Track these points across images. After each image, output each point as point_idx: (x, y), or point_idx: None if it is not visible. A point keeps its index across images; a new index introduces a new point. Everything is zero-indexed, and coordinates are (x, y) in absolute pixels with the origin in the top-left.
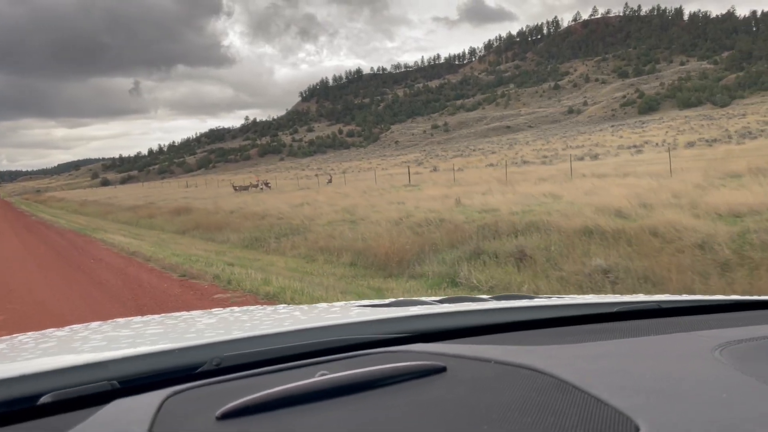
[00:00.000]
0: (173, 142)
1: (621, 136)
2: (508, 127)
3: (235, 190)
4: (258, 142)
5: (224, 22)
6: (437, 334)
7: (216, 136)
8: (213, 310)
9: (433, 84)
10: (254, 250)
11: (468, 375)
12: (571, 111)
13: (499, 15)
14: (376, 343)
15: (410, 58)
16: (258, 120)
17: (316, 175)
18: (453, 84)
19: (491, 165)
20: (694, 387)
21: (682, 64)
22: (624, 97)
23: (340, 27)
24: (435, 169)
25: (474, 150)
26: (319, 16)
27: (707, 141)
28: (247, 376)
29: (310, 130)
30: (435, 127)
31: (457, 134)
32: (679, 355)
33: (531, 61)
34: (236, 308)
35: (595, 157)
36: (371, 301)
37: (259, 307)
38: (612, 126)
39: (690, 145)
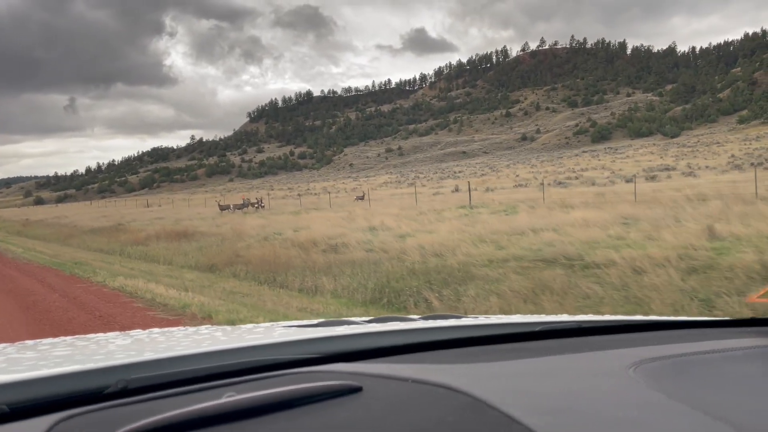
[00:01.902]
0: (113, 160)
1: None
2: (464, 152)
3: (222, 209)
4: (205, 162)
5: (166, 42)
6: (360, 354)
7: (159, 155)
8: (131, 331)
9: (385, 108)
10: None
11: (384, 394)
12: (524, 138)
13: (441, 46)
14: (293, 364)
15: (355, 83)
16: (204, 140)
17: (299, 195)
18: (405, 109)
19: (520, 185)
20: (606, 405)
21: (628, 95)
22: (577, 125)
23: (285, 51)
24: (457, 189)
25: (459, 173)
26: (263, 39)
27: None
28: (151, 399)
29: (260, 151)
30: (389, 150)
31: (413, 158)
32: (595, 373)
33: (481, 89)
34: (156, 329)
35: (653, 177)
36: (298, 321)
37: (180, 328)
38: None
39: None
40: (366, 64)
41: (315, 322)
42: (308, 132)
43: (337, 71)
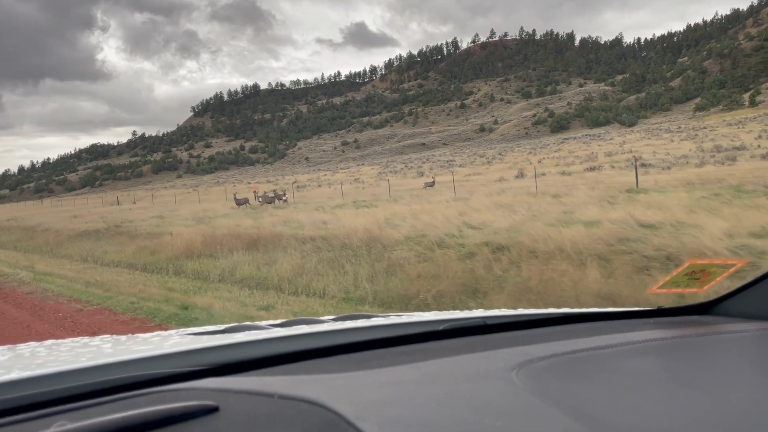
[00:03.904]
0: (48, 159)
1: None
2: (423, 144)
3: (239, 204)
4: (149, 158)
5: (98, 36)
6: (239, 366)
7: (99, 152)
8: (18, 345)
9: (337, 101)
10: None
11: (243, 413)
12: (482, 129)
13: (382, 40)
14: (154, 382)
15: (295, 78)
16: (147, 135)
17: (298, 187)
18: (358, 101)
19: (564, 173)
20: (474, 415)
21: (581, 85)
22: (534, 116)
23: (223, 45)
24: (521, 175)
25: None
26: (200, 34)
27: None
28: None
29: (208, 146)
30: (345, 143)
31: (371, 150)
32: (476, 376)
33: (434, 81)
34: (49, 341)
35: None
36: (204, 327)
37: (75, 339)
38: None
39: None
40: (307, 58)
41: (222, 327)
42: (258, 125)
43: (277, 65)
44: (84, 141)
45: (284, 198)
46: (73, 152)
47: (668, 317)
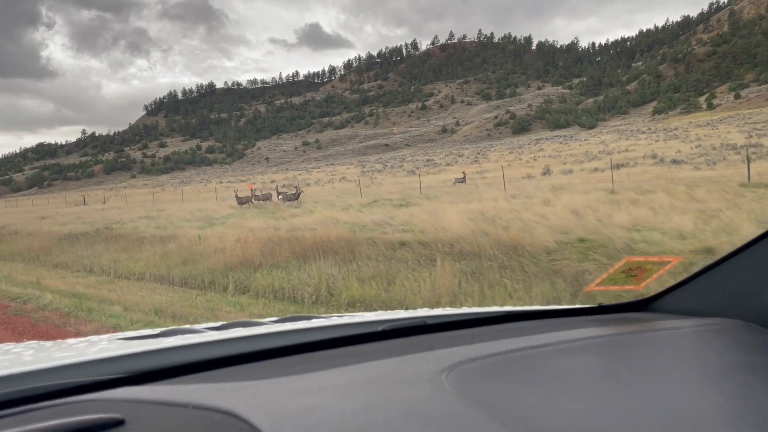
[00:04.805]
0: None
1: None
2: (387, 145)
3: (241, 203)
4: (100, 158)
5: (43, 32)
6: (160, 373)
7: (46, 151)
8: None
9: (297, 101)
10: None
11: (151, 426)
12: (444, 130)
13: (337, 41)
14: (69, 391)
15: (249, 77)
16: (97, 134)
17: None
18: (317, 101)
19: (597, 169)
20: (397, 422)
21: (539, 88)
22: (496, 117)
23: (174, 43)
24: (547, 172)
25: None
26: (150, 32)
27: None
28: None
29: (163, 145)
30: (306, 143)
31: (333, 151)
32: (405, 380)
33: (394, 82)
34: None
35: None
36: (139, 331)
37: (10, 344)
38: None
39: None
40: (261, 58)
41: (157, 331)
42: (214, 125)
43: (231, 65)
44: (28, 140)
45: (297, 196)
46: (18, 151)
47: (607, 314)
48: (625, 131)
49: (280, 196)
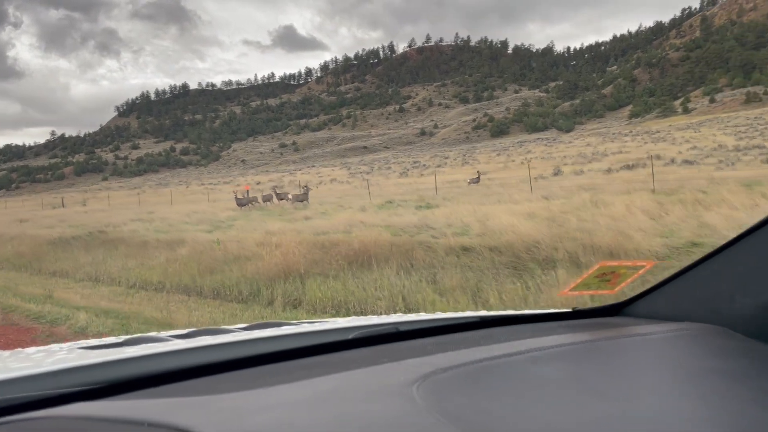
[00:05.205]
0: None
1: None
2: (365, 147)
3: (240, 205)
4: (71, 159)
5: (10, 32)
6: (124, 384)
7: (13, 153)
8: None
9: (273, 102)
10: None
11: None
12: (423, 133)
13: (312, 44)
14: (17, 407)
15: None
16: (67, 135)
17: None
18: (294, 103)
19: (610, 170)
20: None
21: (516, 92)
22: (474, 120)
23: (145, 44)
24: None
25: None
26: (120, 32)
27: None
28: None
29: (135, 147)
30: (283, 145)
31: (311, 153)
32: (374, 393)
33: (371, 84)
34: None
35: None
36: (102, 339)
37: None
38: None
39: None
40: (234, 59)
41: (121, 339)
42: (189, 126)
43: (203, 66)
44: None
45: (303, 197)
46: None
47: (582, 319)
48: (606, 134)
49: (290, 197)
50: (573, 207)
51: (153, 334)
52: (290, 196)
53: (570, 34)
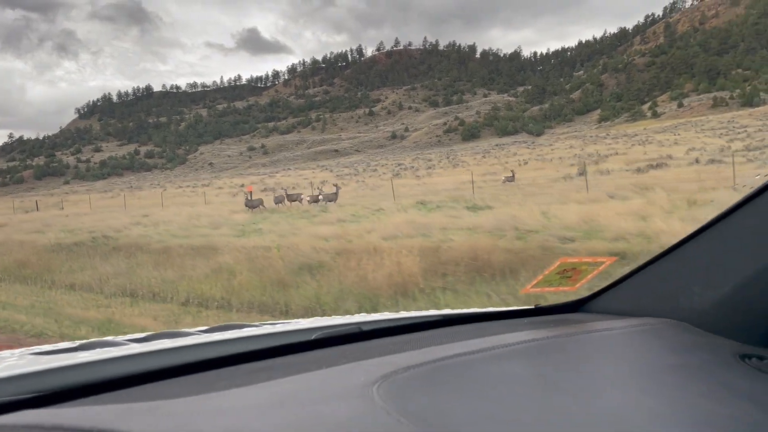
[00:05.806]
0: None
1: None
2: (336, 150)
3: (251, 207)
4: (30, 163)
5: None
6: (72, 391)
7: None
8: None
9: (240, 105)
10: None
11: None
12: (394, 136)
13: (276, 47)
14: None
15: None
16: (25, 138)
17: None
18: (262, 106)
19: (639, 170)
20: None
21: (485, 96)
22: (445, 124)
23: (105, 45)
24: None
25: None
26: (79, 33)
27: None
28: None
29: (98, 150)
30: (252, 149)
31: (281, 156)
32: (332, 395)
33: (340, 87)
34: None
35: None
36: (55, 344)
37: None
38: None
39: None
40: (197, 62)
41: (76, 344)
42: (153, 129)
43: (165, 69)
44: None
45: (320, 198)
46: None
47: (544, 316)
48: (583, 137)
49: (321, 196)
50: (672, 205)
51: (109, 338)
52: (321, 196)
53: (534, 40)
